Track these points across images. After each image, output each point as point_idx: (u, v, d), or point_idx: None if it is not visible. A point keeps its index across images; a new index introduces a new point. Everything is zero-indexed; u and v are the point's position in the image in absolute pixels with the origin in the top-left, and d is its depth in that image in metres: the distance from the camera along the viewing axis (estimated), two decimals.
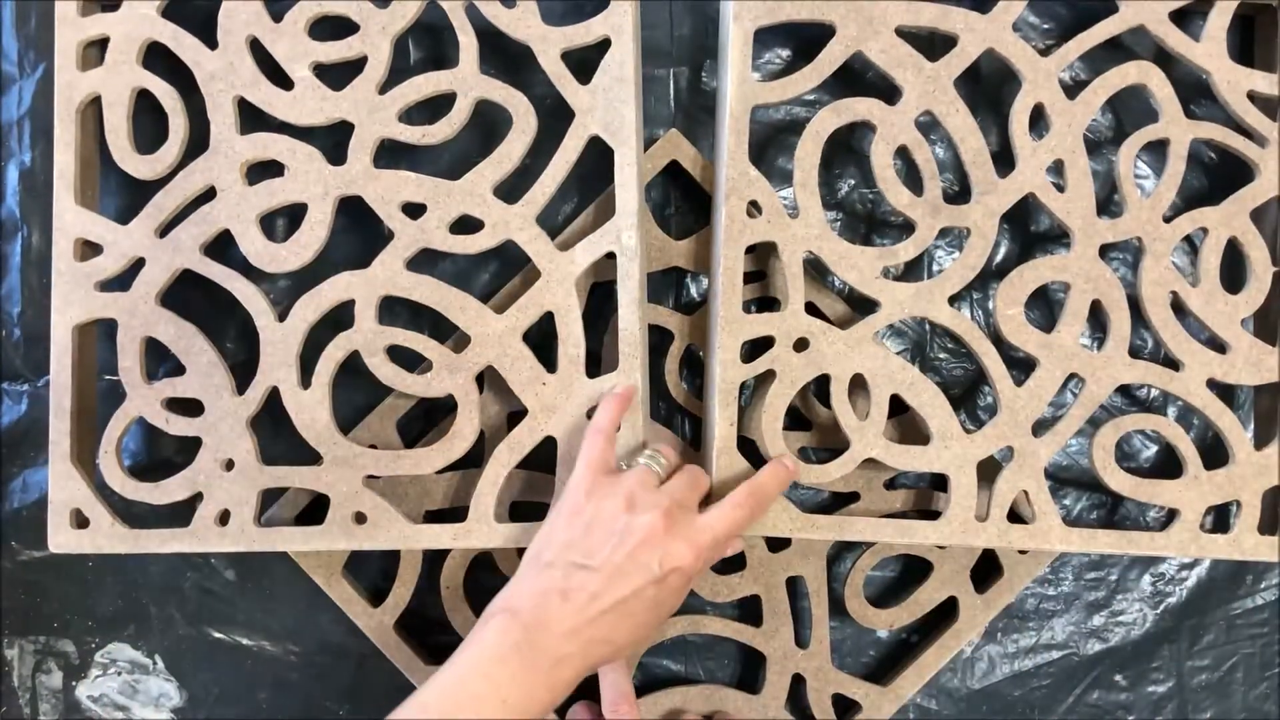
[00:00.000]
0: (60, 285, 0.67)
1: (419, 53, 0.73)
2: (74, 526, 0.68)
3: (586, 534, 0.59)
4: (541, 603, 0.58)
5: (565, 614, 0.57)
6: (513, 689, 0.55)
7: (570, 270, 0.66)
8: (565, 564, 0.58)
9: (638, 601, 0.58)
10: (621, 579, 0.58)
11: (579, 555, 0.58)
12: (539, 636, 0.57)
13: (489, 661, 0.56)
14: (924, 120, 0.67)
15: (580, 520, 0.60)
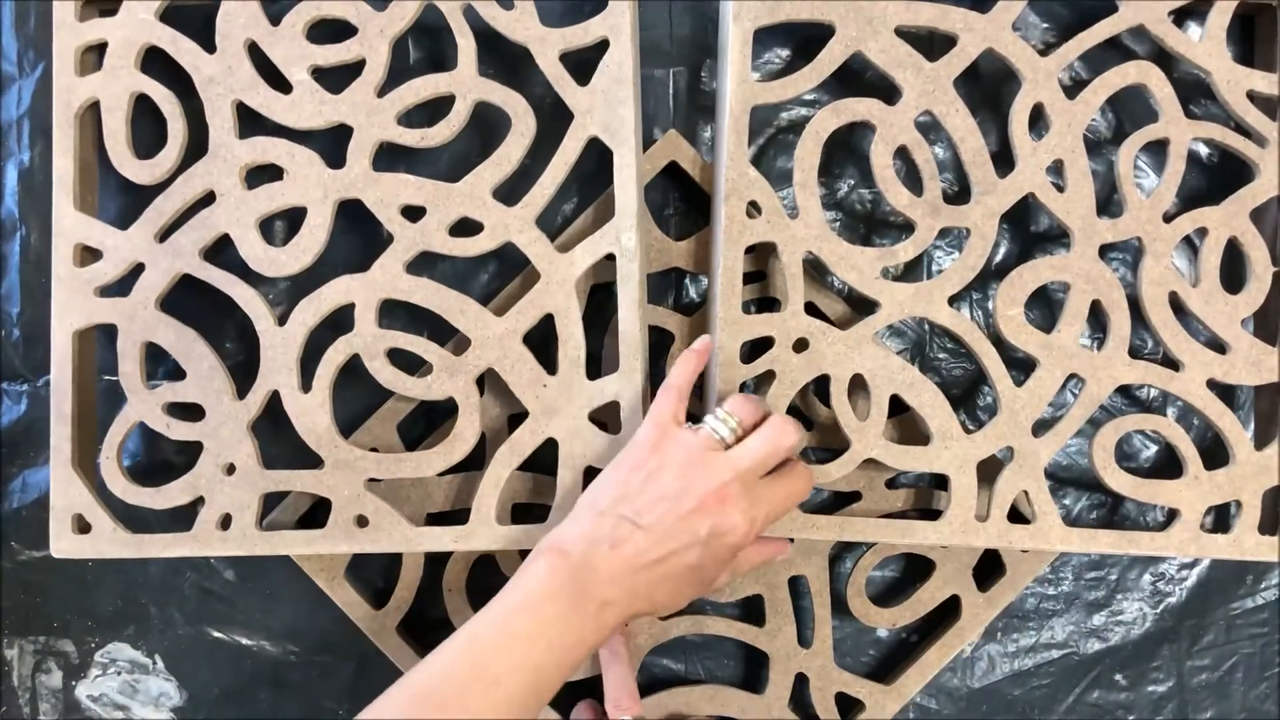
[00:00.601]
0: (60, 291, 0.67)
1: (418, 54, 0.73)
2: (76, 532, 0.68)
3: (642, 490, 0.59)
4: (590, 549, 0.58)
5: (612, 563, 0.58)
6: (558, 627, 0.56)
7: (570, 272, 0.66)
8: (617, 516, 0.59)
9: (681, 564, 0.59)
10: (670, 540, 0.58)
11: (631, 511, 0.59)
12: (586, 578, 0.57)
13: (537, 599, 0.57)
14: (924, 120, 0.67)
15: (639, 475, 0.60)
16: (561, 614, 0.56)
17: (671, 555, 0.58)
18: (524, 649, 0.55)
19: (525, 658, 0.55)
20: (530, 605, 0.56)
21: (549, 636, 0.56)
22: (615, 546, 0.58)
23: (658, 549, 0.58)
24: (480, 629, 0.56)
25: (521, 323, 0.67)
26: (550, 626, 0.56)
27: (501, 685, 0.54)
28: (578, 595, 0.57)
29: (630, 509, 0.59)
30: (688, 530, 0.58)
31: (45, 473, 0.70)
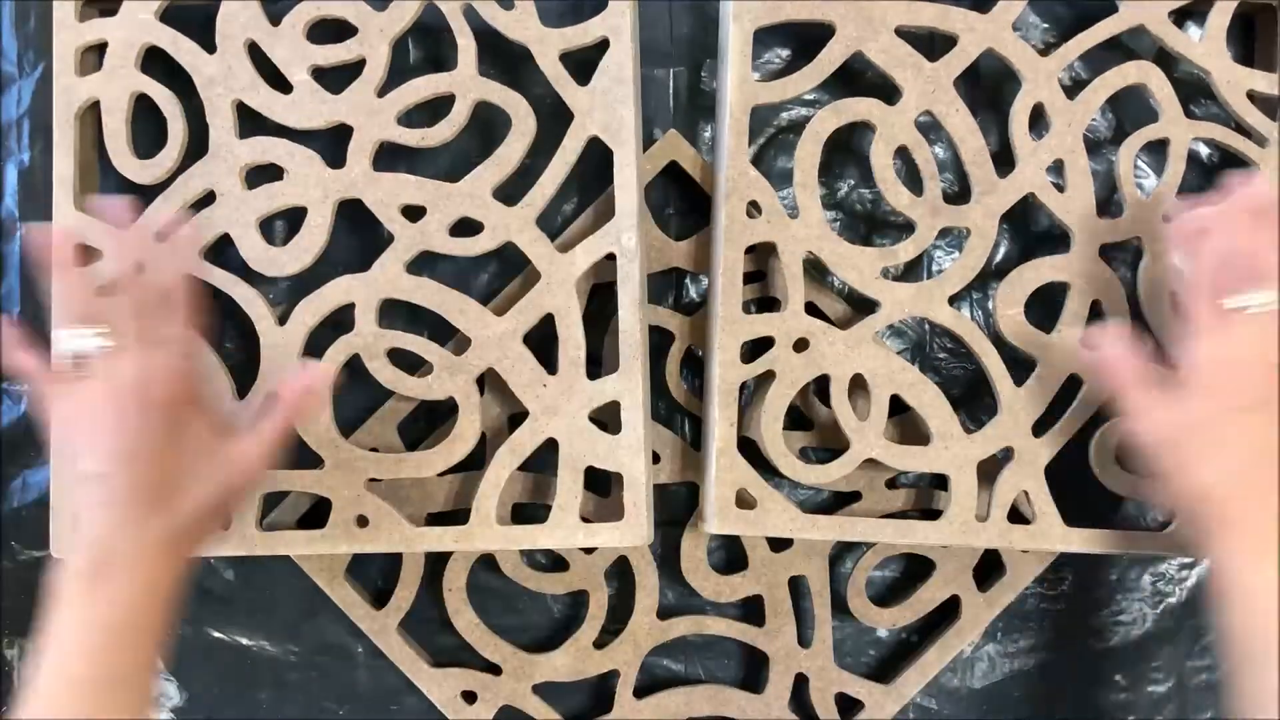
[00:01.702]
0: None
1: (418, 54, 0.73)
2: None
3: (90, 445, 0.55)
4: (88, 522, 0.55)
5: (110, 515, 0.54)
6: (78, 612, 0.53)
7: (570, 272, 0.66)
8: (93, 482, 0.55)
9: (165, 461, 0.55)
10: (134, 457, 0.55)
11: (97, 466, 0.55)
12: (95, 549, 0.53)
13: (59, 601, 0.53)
14: (924, 120, 0.67)
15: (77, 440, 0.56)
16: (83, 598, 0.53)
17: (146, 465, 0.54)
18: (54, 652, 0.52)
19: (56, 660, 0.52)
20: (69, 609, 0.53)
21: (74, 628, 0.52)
22: (108, 504, 0.54)
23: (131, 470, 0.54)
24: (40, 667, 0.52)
25: (521, 323, 0.67)
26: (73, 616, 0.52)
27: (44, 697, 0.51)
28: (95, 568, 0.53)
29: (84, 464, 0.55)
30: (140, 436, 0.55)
31: (45, 473, 0.70)
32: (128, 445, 0.55)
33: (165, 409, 0.56)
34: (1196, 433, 0.58)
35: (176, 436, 0.56)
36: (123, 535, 0.54)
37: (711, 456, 0.66)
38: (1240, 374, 0.58)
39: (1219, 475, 0.57)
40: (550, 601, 0.76)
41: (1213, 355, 0.58)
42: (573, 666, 0.73)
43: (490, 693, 0.73)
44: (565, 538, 0.66)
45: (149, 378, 0.56)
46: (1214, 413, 0.58)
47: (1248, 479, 0.56)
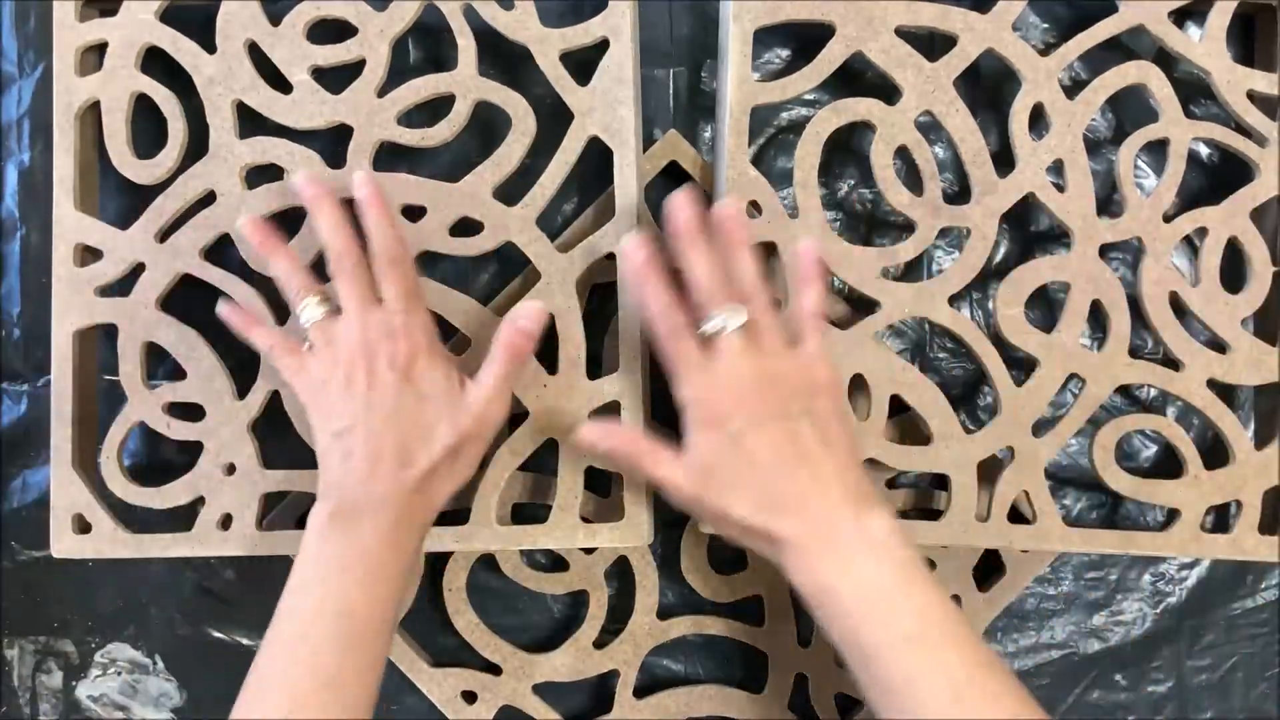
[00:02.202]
0: (60, 291, 0.67)
1: (418, 54, 0.73)
2: (76, 532, 0.68)
3: (329, 408, 0.61)
4: (337, 473, 0.60)
5: (350, 466, 0.59)
6: (343, 548, 0.58)
7: (570, 272, 0.66)
8: (334, 437, 0.60)
9: (405, 413, 0.60)
10: (375, 411, 0.60)
11: (334, 428, 0.60)
12: (347, 495, 0.59)
13: (317, 537, 0.58)
14: (924, 120, 0.67)
15: (315, 404, 0.62)
16: (345, 536, 0.58)
17: (387, 418, 0.59)
18: (321, 582, 0.57)
19: (325, 588, 0.57)
20: (316, 543, 0.58)
21: (340, 562, 0.57)
22: (350, 455, 0.59)
23: (373, 424, 0.59)
24: (287, 589, 0.58)
25: None
26: (336, 551, 0.57)
27: (315, 622, 0.56)
28: (350, 511, 0.58)
29: (333, 423, 0.60)
30: (377, 392, 0.60)
31: (45, 473, 0.70)
32: (365, 402, 0.60)
33: (396, 363, 0.60)
34: (713, 474, 0.58)
35: (409, 389, 0.60)
36: (366, 487, 0.59)
37: None
38: (731, 398, 0.58)
39: (750, 504, 0.57)
40: (550, 601, 0.76)
41: (700, 390, 0.59)
42: (573, 666, 0.73)
43: (490, 693, 0.73)
44: (565, 538, 0.66)
45: (375, 335, 0.60)
46: (720, 447, 0.58)
47: (776, 495, 0.57)
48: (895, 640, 0.54)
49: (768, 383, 0.58)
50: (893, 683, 0.53)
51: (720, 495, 0.58)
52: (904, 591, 0.55)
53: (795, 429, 0.58)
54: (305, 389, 0.62)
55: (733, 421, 0.58)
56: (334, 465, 0.60)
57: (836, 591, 0.55)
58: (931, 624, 0.54)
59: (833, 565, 0.56)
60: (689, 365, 0.59)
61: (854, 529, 0.56)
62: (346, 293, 0.62)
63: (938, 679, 0.53)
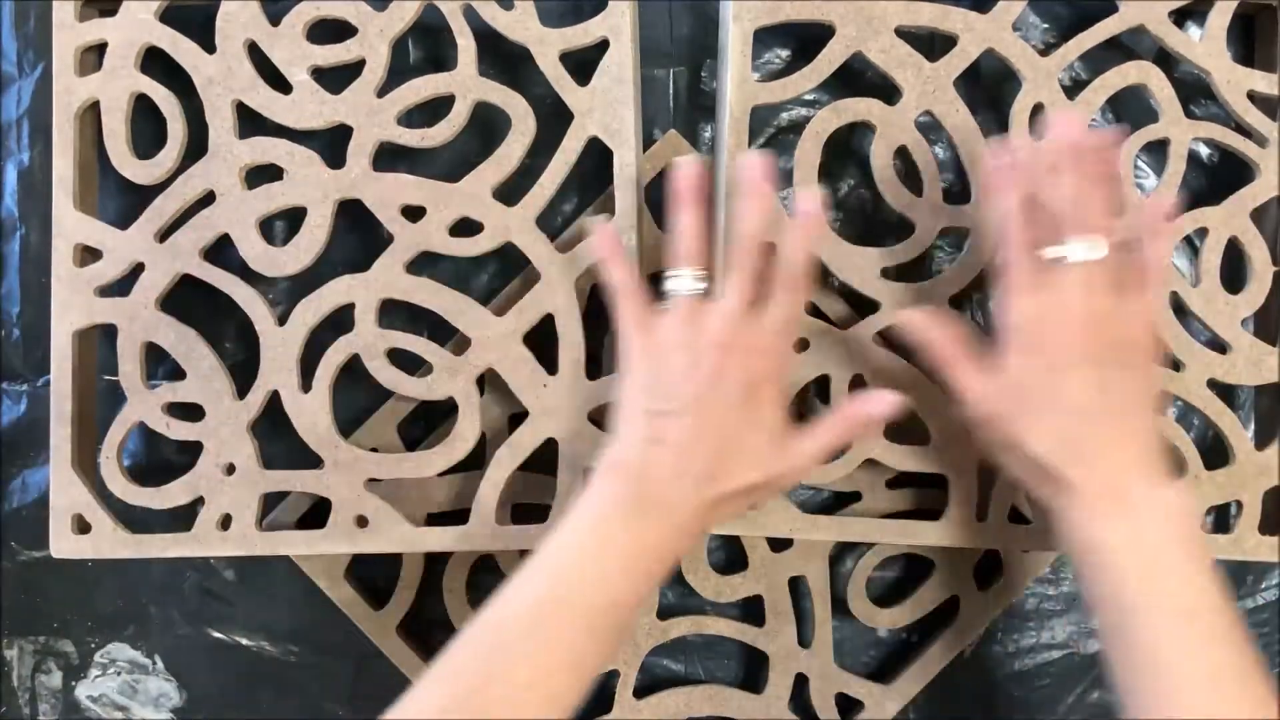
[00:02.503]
0: (60, 291, 0.67)
1: (418, 54, 0.73)
2: (76, 532, 0.68)
3: (658, 380, 0.57)
4: (640, 455, 0.56)
5: (664, 460, 0.56)
6: (628, 538, 0.55)
7: (570, 272, 0.66)
8: (647, 413, 0.57)
9: (732, 428, 0.56)
10: (705, 411, 0.56)
11: (658, 403, 0.57)
12: (645, 486, 0.56)
13: (601, 517, 0.55)
14: (924, 120, 0.67)
15: (648, 371, 0.58)
16: (629, 527, 0.55)
17: (718, 427, 0.56)
18: (597, 568, 0.54)
19: (600, 576, 0.54)
20: (596, 523, 0.55)
21: (617, 550, 0.55)
22: (659, 442, 0.56)
23: (701, 424, 0.56)
24: (550, 555, 0.55)
25: (522, 323, 0.66)
26: (616, 541, 0.55)
27: (575, 605, 0.53)
28: (641, 504, 0.55)
29: (656, 402, 0.57)
30: (719, 394, 0.56)
31: (45, 473, 0.70)
32: (702, 395, 0.56)
33: (747, 378, 0.57)
34: (1019, 401, 0.57)
35: (749, 410, 0.57)
36: (664, 484, 0.56)
37: None
38: (1059, 331, 0.56)
39: (1050, 441, 0.56)
40: None
41: (1029, 313, 0.57)
42: None
43: None
44: None
45: (741, 342, 0.57)
46: (1034, 376, 0.56)
47: (1079, 440, 0.56)
48: (1167, 611, 0.52)
49: (1097, 324, 0.56)
50: (1152, 653, 0.52)
51: (1020, 422, 0.57)
52: (1184, 566, 0.53)
53: (1112, 378, 0.55)
54: (640, 348, 0.59)
55: (1055, 354, 0.56)
56: (636, 443, 0.57)
57: (1115, 550, 0.54)
58: (1206, 605, 0.53)
59: (1117, 523, 0.54)
60: (1026, 284, 0.57)
61: (1146, 492, 0.55)
62: (736, 286, 0.58)
63: (1200, 660, 0.51)
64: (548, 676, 0.52)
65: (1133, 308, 0.57)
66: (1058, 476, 0.56)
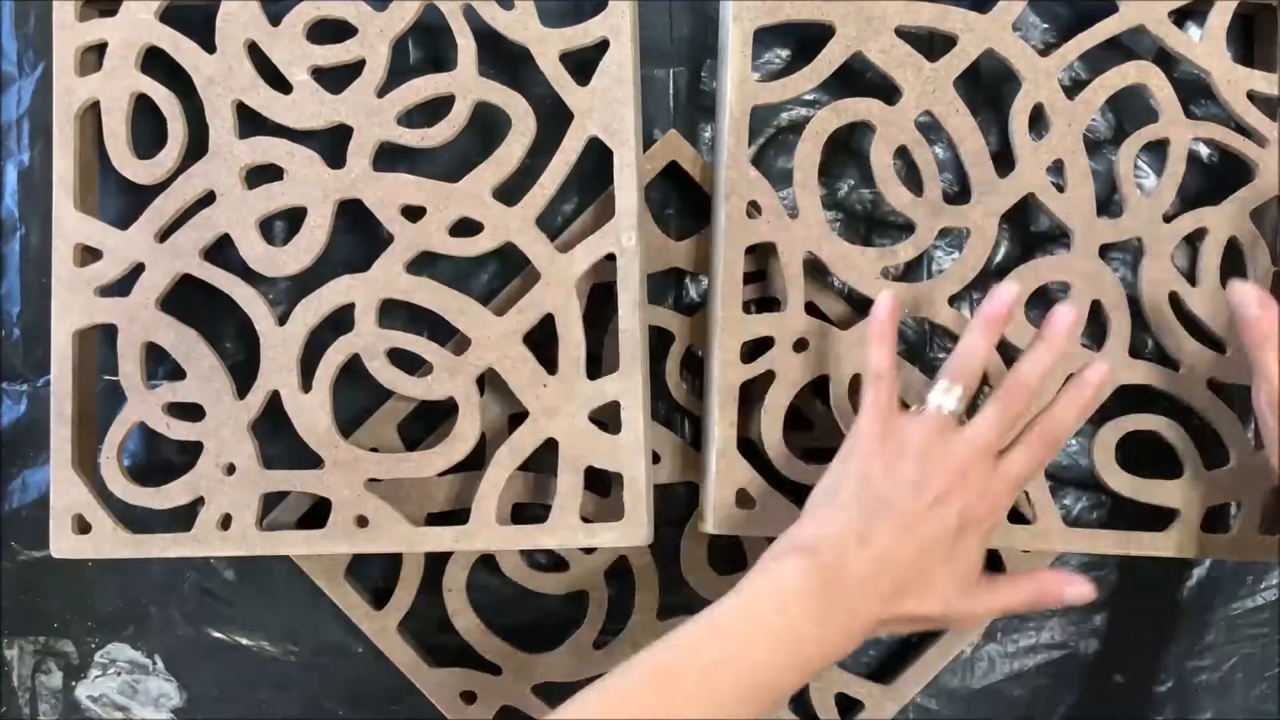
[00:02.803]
0: (60, 291, 0.67)
1: (418, 54, 0.73)
2: (76, 532, 0.68)
3: (885, 477, 0.56)
4: (839, 547, 0.55)
5: (862, 561, 0.54)
6: (804, 630, 0.53)
7: (570, 272, 0.66)
8: (862, 503, 0.56)
9: (935, 559, 0.55)
10: (919, 529, 0.55)
11: (876, 498, 0.56)
12: (837, 582, 0.54)
13: (786, 599, 0.54)
14: (924, 120, 0.67)
15: (876, 465, 0.56)
16: (810, 617, 0.53)
17: (923, 550, 0.55)
18: (768, 647, 0.53)
19: (770, 656, 0.53)
20: (779, 604, 0.54)
21: (795, 638, 0.53)
22: (864, 542, 0.55)
23: (909, 541, 0.55)
24: (726, 620, 0.54)
25: (522, 323, 0.66)
26: (797, 627, 0.53)
27: (743, 679, 0.52)
28: (829, 599, 0.54)
29: (875, 497, 0.56)
30: (936, 519, 0.55)
31: (45, 473, 0.70)
32: (921, 514, 0.55)
33: (964, 515, 0.56)
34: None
35: (955, 542, 0.56)
36: (863, 593, 0.54)
37: (711, 456, 0.66)
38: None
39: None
40: (550, 601, 0.76)
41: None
42: (573, 666, 0.73)
43: (490, 693, 0.73)
44: (565, 538, 0.66)
45: (976, 478, 0.56)
46: None
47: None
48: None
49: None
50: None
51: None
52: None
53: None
54: (879, 438, 0.57)
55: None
56: (840, 534, 0.55)
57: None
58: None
59: None
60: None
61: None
62: (993, 420, 0.57)
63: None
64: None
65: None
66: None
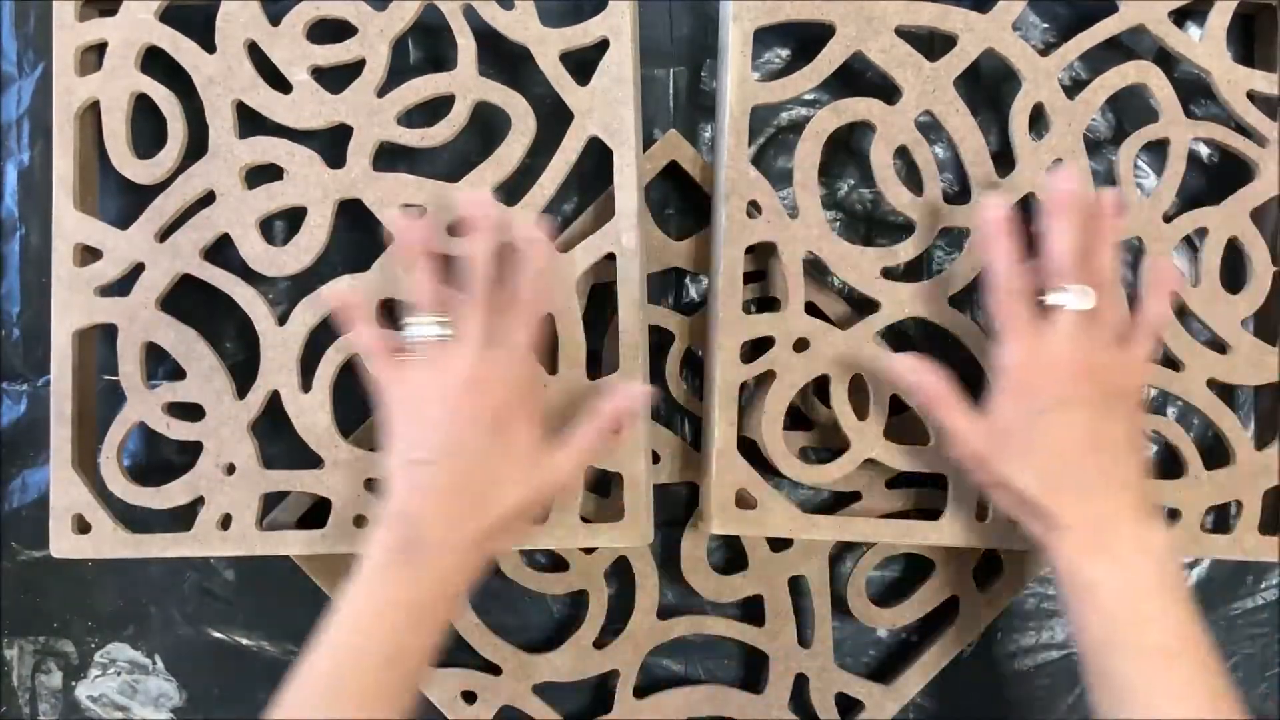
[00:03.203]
0: (60, 291, 0.67)
1: (418, 54, 0.73)
2: (76, 532, 0.68)
3: (414, 431, 0.59)
4: (406, 502, 0.58)
5: (428, 506, 0.58)
6: (401, 590, 0.56)
7: (570, 272, 0.66)
8: (410, 465, 0.59)
9: (489, 462, 0.58)
10: (462, 452, 0.58)
11: (418, 451, 0.59)
12: (414, 535, 0.57)
13: (376, 569, 0.57)
14: (924, 120, 0.67)
15: (403, 423, 0.60)
16: (404, 576, 0.56)
17: (471, 464, 0.58)
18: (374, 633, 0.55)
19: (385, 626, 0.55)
20: (372, 576, 0.57)
21: (396, 601, 0.56)
22: (422, 490, 0.58)
23: (456, 466, 0.58)
24: (341, 609, 0.56)
25: None
26: (395, 592, 0.56)
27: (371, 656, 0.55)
28: (412, 552, 0.56)
29: (416, 451, 0.59)
30: (470, 432, 0.58)
31: (45, 473, 0.70)
32: (454, 439, 0.58)
33: (494, 410, 0.59)
34: (1007, 441, 0.59)
35: (501, 439, 0.59)
36: (435, 525, 0.57)
37: (711, 456, 0.66)
38: (1046, 375, 0.59)
39: (1036, 479, 0.58)
40: (550, 601, 0.76)
41: (1018, 357, 0.59)
42: (573, 666, 0.73)
43: (490, 693, 0.73)
44: (565, 538, 0.66)
45: (484, 376, 0.59)
46: (1021, 418, 0.59)
47: (1064, 478, 0.58)
48: (1147, 648, 0.55)
49: (1088, 371, 0.58)
50: (1133, 691, 0.54)
51: (1008, 462, 0.59)
52: (1167, 607, 0.56)
53: (1101, 423, 0.58)
54: (396, 401, 0.61)
55: (1043, 397, 0.58)
56: (404, 493, 0.59)
57: (1100, 588, 0.56)
58: (1187, 644, 0.55)
59: (1102, 559, 0.57)
60: (1017, 330, 0.59)
61: (1133, 532, 0.57)
62: (474, 324, 0.60)
63: (1181, 701, 0.53)
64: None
65: (1128, 359, 0.60)
66: (1045, 513, 0.58)
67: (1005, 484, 0.59)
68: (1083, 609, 0.57)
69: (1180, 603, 0.56)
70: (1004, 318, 0.60)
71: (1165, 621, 0.55)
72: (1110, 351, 0.59)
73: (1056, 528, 0.58)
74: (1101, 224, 0.61)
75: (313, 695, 0.55)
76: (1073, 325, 0.58)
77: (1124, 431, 0.59)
